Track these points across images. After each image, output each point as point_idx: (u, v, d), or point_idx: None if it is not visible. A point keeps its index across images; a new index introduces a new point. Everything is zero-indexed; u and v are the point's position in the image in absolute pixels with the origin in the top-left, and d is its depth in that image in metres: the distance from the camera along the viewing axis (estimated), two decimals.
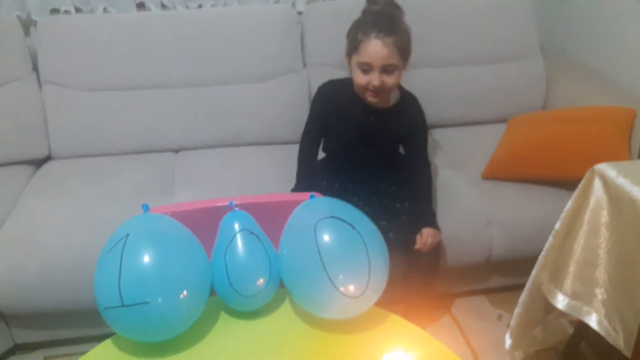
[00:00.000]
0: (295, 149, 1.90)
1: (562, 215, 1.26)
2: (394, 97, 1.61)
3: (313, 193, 1.20)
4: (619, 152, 1.73)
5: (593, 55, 2.21)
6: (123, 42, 2.05)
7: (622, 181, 1.11)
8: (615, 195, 1.13)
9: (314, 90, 2.11)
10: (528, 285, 1.37)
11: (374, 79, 1.45)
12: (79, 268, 1.65)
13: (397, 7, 1.49)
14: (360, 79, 1.49)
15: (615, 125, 1.81)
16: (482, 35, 2.20)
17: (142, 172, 1.99)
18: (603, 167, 1.17)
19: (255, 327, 1.16)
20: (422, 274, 1.66)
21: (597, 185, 1.18)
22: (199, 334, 1.13)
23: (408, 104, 1.64)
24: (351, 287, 1.06)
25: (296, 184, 1.71)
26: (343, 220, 1.09)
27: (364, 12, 1.51)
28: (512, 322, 1.43)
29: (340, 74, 1.79)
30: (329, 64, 2.12)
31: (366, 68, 1.46)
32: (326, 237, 1.07)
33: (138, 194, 1.85)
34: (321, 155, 1.79)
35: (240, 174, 1.95)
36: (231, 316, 1.18)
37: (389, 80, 1.47)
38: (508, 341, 1.45)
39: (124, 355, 1.09)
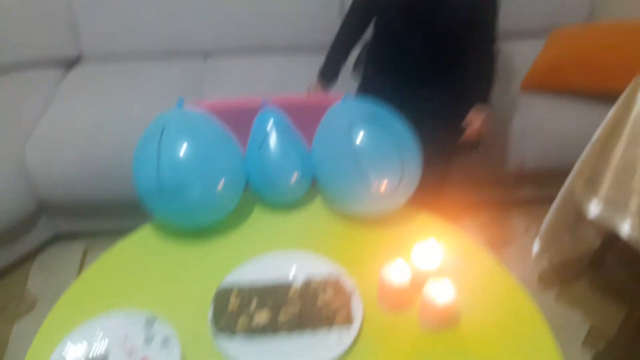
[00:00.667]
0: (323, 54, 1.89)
1: (603, 123, 1.23)
2: None
3: (347, 93, 1.18)
4: None
5: None
6: None
7: None
8: None
9: None
10: (562, 191, 1.36)
11: None
12: (114, 162, 1.71)
13: None
14: None
15: None
16: None
17: (172, 75, 2.00)
18: None
19: (287, 221, 1.19)
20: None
21: None
22: (234, 225, 1.17)
23: None
24: (383, 185, 1.07)
25: (322, 67, 1.57)
26: (377, 120, 1.09)
27: None
28: (542, 228, 1.44)
29: None
30: None
31: None
32: (360, 137, 1.07)
33: (168, 95, 1.85)
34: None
35: (269, 78, 1.94)
36: (265, 210, 1.21)
37: None
38: (536, 247, 1.47)
39: (161, 240, 1.14)
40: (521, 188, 1.92)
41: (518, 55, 1.96)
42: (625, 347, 1.21)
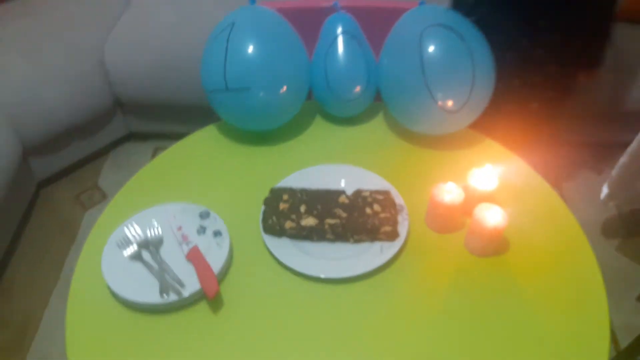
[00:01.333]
0: None
1: None
2: None
3: (424, 0, 1.11)
4: None
5: None
6: None
7: None
8: None
9: None
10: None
11: None
12: (188, 64, 1.74)
13: None
14: None
15: None
16: None
17: None
18: None
19: (348, 134, 1.18)
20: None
21: None
22: (294, 133, 1.18)
23: None
24: (450, 102, 1.02)
25: None
26: (452, 29, 1.02)
27: None
28: (614, 172, 1.35)
29: None
30: None
31: None
32: (431, 47, 1.01)
33: None
34: None
35: None
36: (327, 120, 1.21)
37: None
38: (605, 191, 1.39)
39: (223, 141, 1.17)
40: (604, 130, 1.80)
41: None
42: None
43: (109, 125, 2.02)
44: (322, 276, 0.86)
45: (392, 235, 0.90)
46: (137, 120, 2.06)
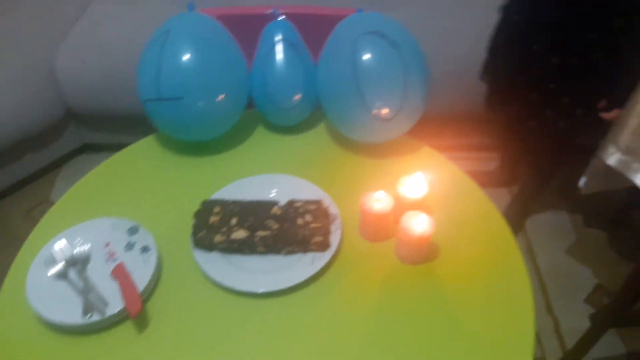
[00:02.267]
0: None
1: None
2: None
3: (361, 7, 1.11)
4: None
5: None
6: None
7: None
8: None
9: None
10: None
11: None
12: None
13: None
14: None
15: None
16: None
17: None
18: None
19: (287, 143, 1.17)
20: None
21: None
22: (235, 142, 1.16)
23: None
24: (383, 110, 1.02)
25: None
26: (385, 37, 1.02)
27: None
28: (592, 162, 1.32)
29: None
30: None
31: None
32: (364, 54, 1.01)
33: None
34: None
35: None
36: (268, 130, 1.20)
37: None
38: (583, 179, 1.36)
39: (159, 153, 1.15)
40: None
41: None
42: (624, 307, 1.16)
43: (61, 137, 1.98)
44: (251, 290, 0.85)
45: (323, 246, 0.89)
46: (91, 131, 2.03)
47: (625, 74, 1.22)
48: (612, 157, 1.18)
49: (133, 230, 0.93)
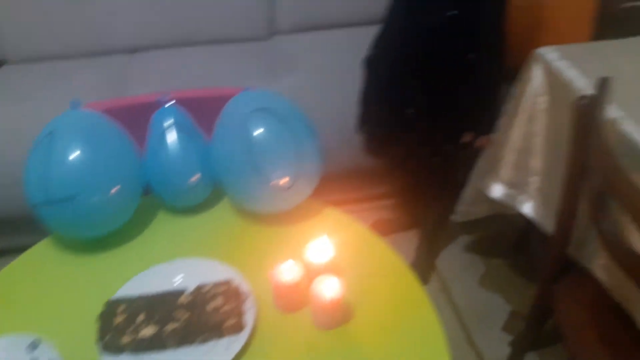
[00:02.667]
0: (253, 46, 1.84)
1: (507, 104, 1.23)
2: None
3: (248, 87, 1.15)
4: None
5: None
6: None
7: (561, 64, 1.07)
8: (554, 80, 1.10)
9: None
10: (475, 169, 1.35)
11: None
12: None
13: None
14: None
15: (581, 13, 1.72)
16: None
17: (96, 74, 1.93)
18: (544, 51, 1.12)
19: (190, 225, 1.16)
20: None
21: (537, 70, 1.14)
22: (136, 231, 1.13)
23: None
24: (281, 179, 1.05)
25: None
26: (272, 112, 1.06)
27: None
28: (462, 194, 1.42)
29: None
30: None
31: None
32: (255, 130, 1.04)
33: (90, 96, 1.78)
34: None
35: (197, 72, 1.90)
36: (169, 214, 1.18)
37: None
38: (458, 213, 1.44)
39: (56, 256, 1.10)
40: None
41: None
42: (537, 329, 1.22)
43: None
44: None
45: (237, 328, 0.88)
46: None
47: (485, 106, 1.38)
48: (497, 191, 1.27)
49: (33, 346, 0.87)
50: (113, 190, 1.04)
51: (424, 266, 1.73)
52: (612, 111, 0.95)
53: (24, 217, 1.76)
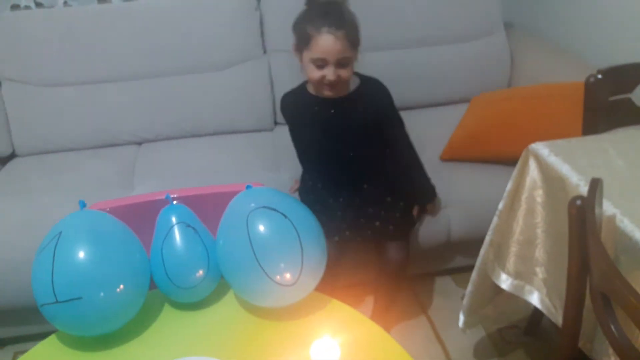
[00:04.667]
0: (256, 137, 1.93)
1: (504, 195, 1.26)
2: (353, 83, 1.58)
3: (250, 183, 1.19)
4: (576, 130, 1.72)
5: (559, 31, 2.20)
6: (82, 35, 2.05)
7: (553, 160, 1.11)
8: (547, 175, 1.13)
9: (274, 77, 2.11)
10: (477, 264, 1.37)
11: (330, 73, 1.43)
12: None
13: None
14: (314, 74, 1.45)
15: (576, 103, 1.79)
16: (443, 13, 2.18)
17: (103, 166, 1.99)
18: (537, 147, 1.16)
19: (198, 319, 1.16)
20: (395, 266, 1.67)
21: (532, 164, 1.17)
22: (143, 327, 1.14)
23: (369, 86, 1.60)
24: (285, 275, 1.06)
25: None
26: (275, 210, 1.09)
27: (309, 3, 1.48)
28: (464, 301, 1.44)
29: None
30: (289, 50, 2.10)
31: (321, 64, 1.43)
32: (257, 227, 1.07)
33: (98, 188, 1.84)
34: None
35: (202, 164, 1.95)
36: (174, 308, 1.19)
37: (344, 73, 1.45)
38: (461, 318, 1.46)
39: (67, 349, 1.10)
40: (453, 257, 1.93)
41: (443, 125, 2.00)
42: None
43: None
44: None
45: None
46: None
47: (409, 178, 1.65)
48: (505, 283, 1.27)
49: None
50: (119, 289, 1.06)
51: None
52: (609, 208, 0.97)
53: (34, 307, 1.78)
